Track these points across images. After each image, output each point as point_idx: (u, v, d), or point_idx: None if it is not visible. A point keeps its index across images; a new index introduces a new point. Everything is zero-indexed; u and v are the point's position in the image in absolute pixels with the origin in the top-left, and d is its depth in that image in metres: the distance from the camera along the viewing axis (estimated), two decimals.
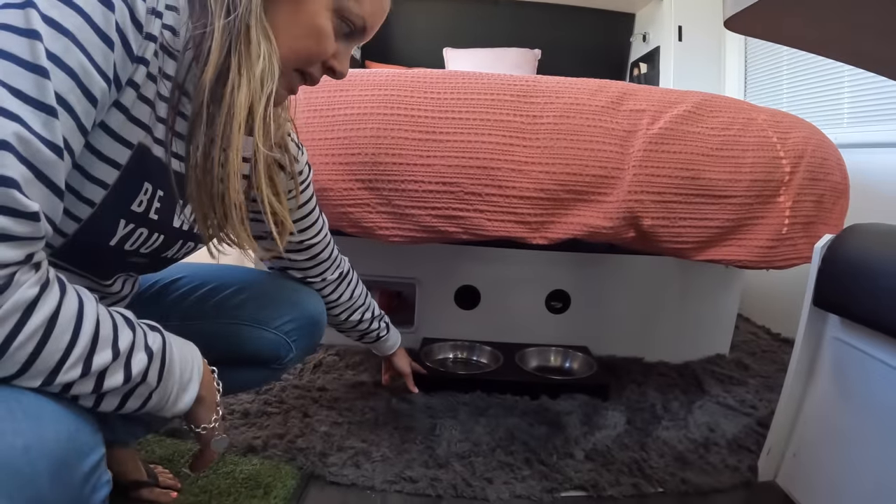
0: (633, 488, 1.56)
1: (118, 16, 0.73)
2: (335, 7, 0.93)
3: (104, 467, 0.77)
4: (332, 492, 1.49)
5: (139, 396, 0.82)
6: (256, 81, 0.87)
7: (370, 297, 1.65)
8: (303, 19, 0.91)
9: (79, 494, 0.72)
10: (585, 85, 1.78)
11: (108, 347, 0.75)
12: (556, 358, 2.27)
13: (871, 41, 1.00)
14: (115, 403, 0.79)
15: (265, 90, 0.89)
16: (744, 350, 2.64)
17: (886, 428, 1.29)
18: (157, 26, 0.82)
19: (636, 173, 1.68)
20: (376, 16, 1.00)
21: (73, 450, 0.72)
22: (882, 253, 1.30)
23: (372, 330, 1.68)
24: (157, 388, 0.84)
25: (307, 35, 0.93)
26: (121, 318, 0.79)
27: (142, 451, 1.54)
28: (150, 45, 0.81)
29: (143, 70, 0.81)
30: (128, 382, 0.78)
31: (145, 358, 0.81)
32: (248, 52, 0.86)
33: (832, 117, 2.90)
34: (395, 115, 1.67)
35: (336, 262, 1.49)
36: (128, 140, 0.84)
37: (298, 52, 0.94)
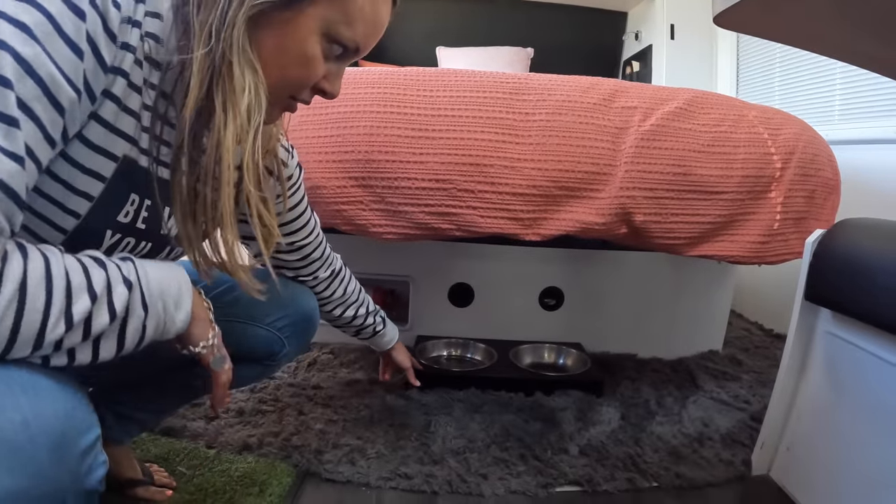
0: (628, 483, 1.57)
1: (89, 25, 0.72)
2: (325, 31, 0.90)
3: (100, 448, 0.77)
4: (328, 489, 1.50)
5: (134, 331, 0.81)
6: (243, 117, 0.85)
7: (364, 293, 1.65)
8: (291, 46, 0.89)
9: (77, 471, 0.72)
10: (577, 82, 1.79)
11: (84, 294, 0.74)
12: (550, 355, 2.28)
13: (861, 37, 1.01)
14: (113, 346, 0.79)
15: (252, 124, 0.87)
16: (737, 346, 2.65)
17: (879, 421, 1.30)
18: (136, 36, 0.80)
19: (628, 170, 1.68)
20: (370, 37, 0.96)
21: (71, 426, 0.72)
22: (872, 247, 1.31)
23: (367, 325, 1.67)
24: (149, 316, 0.83)
25: (295, 62, 0.91)
26: (90, 261, 0.78)
27: (137, 449, 1.54)
28: (126, 56, 0.80)
29: (123, 81, 0.80)
30: (115, 320, 0.77)
31: (125, 291, 0.79)
32: (232, 87, 0.84)
33: (824, 114, 2.91)
34: (388, 113, 1.67)
35: (328, 261, 1.49)
36: (111, 152, 0.83)
37: (287, 80, 0.92)
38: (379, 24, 0.96)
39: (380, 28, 0.97)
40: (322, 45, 0.91)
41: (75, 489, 0.72)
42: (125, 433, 1.35)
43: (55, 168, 0.79)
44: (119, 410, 1.32)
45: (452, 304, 2.36)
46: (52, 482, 0.68)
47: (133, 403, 1.33)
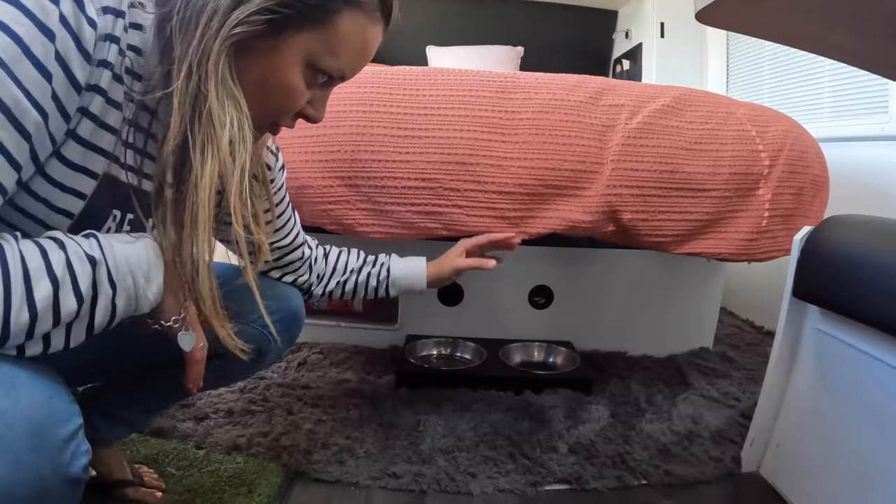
0: (617, 481, 1.57)
1: (59, 45, 0.71)
2: (308, 61, 0.89)
3: (82, 437, 0.77)
4: (317, 489, 1.50)
5: (104, 309, 0.80)
6: (224, 153, 0.83)
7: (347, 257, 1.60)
8: (272, 76, 0.88)
9: (58, 460, 0.72)
10: (564, 80, 1.78)
11: (44, 277, 0.72)
12: (540, 353, 2.28)
13: (839, 32, 1.01)
14: (83, 328, 0.79)
15: (237, 162, 0.85)
16: (728, 343, 2.66)
17: (867, 417, 1.30)
18: (114, 51, 0.79)
19: (615, 167, 1.68)
20: (358, 64, 0.96)
21: (50, 416, 0.72)
22: (860, 243, 1.31)
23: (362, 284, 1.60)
24: (117, 293, 0.82)
25: (277, 92, 0.90)
26: (49, 242, 0.76)
27: (126, 450, 1.53)
28: (104, 73, 0.79)
29: (100, 99, 0.79)
30: (83, 301, 0.76)
31: (89, 269, 0.78)
32: (211, 122, 0.82)
33: (813, 111, 2.92)
34: (375, 113, 1.67)
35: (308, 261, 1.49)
36: (90, 170, 0.83)
37: (269, 109, 0.92)
38: (367, 51, 0.95)
39: (368, 55, 0.96)
40: (305, 75, 0.90)
41: (57, 478, 0.72)
42: (114, 434, 1.35)
43: (35, 187, 0.79)
44: (107, 411, 1.32)
45: (442, 304, 2.36)
46: (31, 470, 0.68)
47: (121, 403, 1.33)
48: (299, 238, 1.43)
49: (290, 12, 0.83)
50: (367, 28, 0.92)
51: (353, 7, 0.88)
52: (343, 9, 0.87)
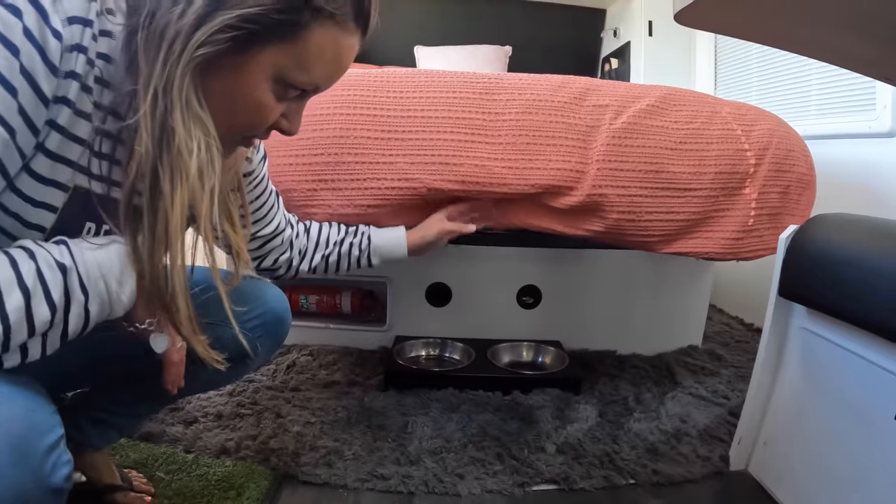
0: (605, 480, 1.58)
1: (24, 59, 0.70)
2: (277, 77, 0.87)
3: (64, 447, 0.77)
4: (305, 491, 1.50)
5: (77, 316, 0.80)
6: (194, 181, 0.81)
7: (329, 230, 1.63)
8: (240, 92, 0.86)
9: (39, 472, 0.72)
10: (548, 81, 1.78)
11: (14, 289, 0.72)
12: (529, 353, 2.28)
13: (819, 30, 1.01)
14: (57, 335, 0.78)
15: (206, 187, 0.84)
16: (717, 341, 2.66)
17: (854, 415, 1.31)
18: (82, 62, 0.78)
19: (600, 168, 1.68)
20: (332, 77, 0.94)
21: (30, 428, 0.72)
22: (845, 242, 1.32)
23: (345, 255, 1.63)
24: (90, 299, 0.81)
25: (245, 109, 0.88)
26: (19, 252, 0.75)
27: (116, 455, 1.53)
28: (71, 84, 0.77)
29: (68, 111, 0.78)
30: (56, 310, 0.76)
31: (60, 277, 0.77)
32: (180, 154, 0.80)
33: (800, 110, 2.92)
34: (359, 115, 1.67)
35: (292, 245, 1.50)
36: (60, 182, 0.82)
37: (239, 126, 0.91)
38: (341, 63, 0.93)
39: (342, 66, 0.94)
40: (275, 90, 0.88)
41: (39, 489, 0.72)
42: (103, 439, 1.35)
43: (6, 202, 0.78)
44: (96, 416, 1.32)
45: (430, 304, 2.36)
46: (12, 484, 0.68)
47: (109, 409, 1.33)
48: (282, 224, 1.43)
49: (255, 28, 0.80)
50: (339, 40, 0.90)
51: (323, 19, 0.86)
52: (312, 22, 0.85)
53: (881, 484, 1.22)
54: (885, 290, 1.16)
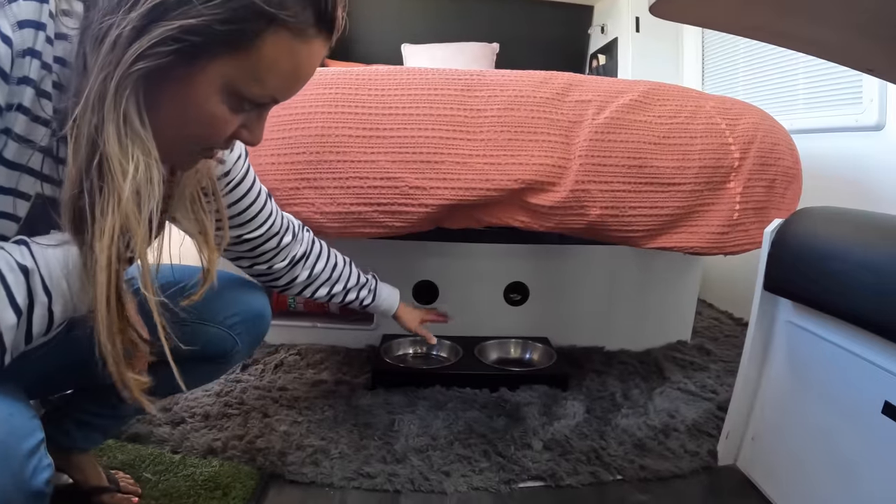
0: (592, 476, 1.58)
1: None
2: (226, 89, 0.80)
3: (44, 451, 0.77)
4: (291, 491, 1.50)
5: (41, 318, 0.77)
6: (127, 206, 0.76)
7: (345, 268, 1.64)
8: (191, 106, 0.80)
9: (19, 476, 0.72)
10: (531, 77, 1.78)
11: None
12: (516, 350, 2.28)
13: (796, 22, 1.01)
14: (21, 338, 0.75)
15: (144, 212, 0.78)
16: (706, 335, 2.66)
17: (840, 408, 1.31)
18: (35, 67, 0.74)
19: (583, 163, 1.68)
20: (290, 89, 0.87)
21: (9, 432, 0.72)
22: (831, 236, 1.32)
23: (350, 301, 1.67)
24: (53, 300, 0.78)
25: (196, 122, 0.82)
26: None
27: (103, 456, 1.53)
28: (26, 91, 0.74)
29: (23, 118, 0.75)
30: (19, 314, 0.73)
31: (22, 279, 0.74)
32: (111, 174, 0.75)
33: (787, 103, 2.92)
34: (340, 114, 1.66)
35: (285, 250, 1.45)
36: (21, 191, 0.78)
37: (193, 139, 0.86)
38: (301, 73, 0.86)
39: (302, 76, 0.87)
40: (228, 103, 0.82)
41: (20, 494, 0.72)
42: (88, 441, 1.35)
43: None
44: (80, 418, 1.31)
45: (417, 302, 2.36)
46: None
47: (94, 410, 1.32)
48: (273, 228, 1.38)
49: (198, 40, 0.74)
50: (296, 49, 0.82)
51: (277, 27, 0.78)
52: (264, 32, 0.77)
53: (869, 476, 1.22)
54: (871, 283, 1.16)
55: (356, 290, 1.67)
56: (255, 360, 2.18)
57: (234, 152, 1.21)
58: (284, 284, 1.51)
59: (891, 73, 1.29)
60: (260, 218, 1.34)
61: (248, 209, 1.30)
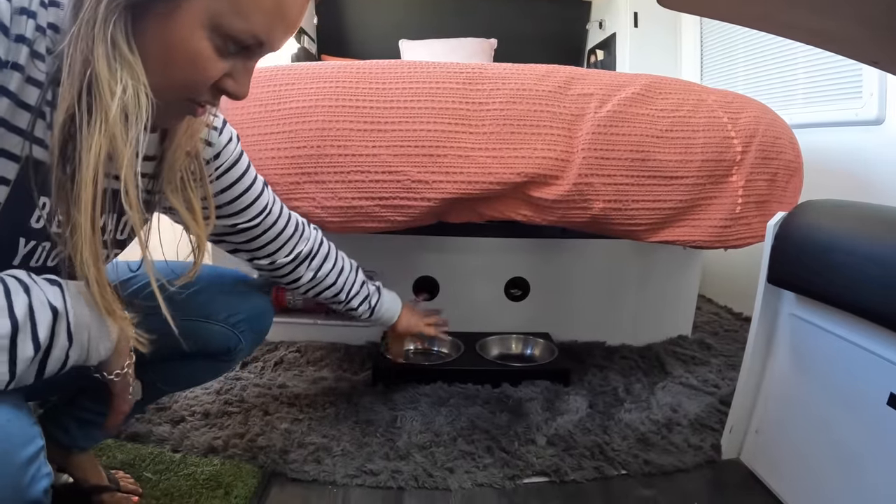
0: (596, 472, 1.57)
1: None
2: (211, 24, 0.78)
3: (44, 459, 0.76)
4: (294, 489, 1.49)
5: (56, 360, 0.78)
6: (114, 125, 0.76)
7: (349, 275, 1.60)
8: (173, 42, 0.78)
9: (18, 483, 0.71)
10: (532, 71, 1.78)
11: (4, 317, 0.71)
12: (517, 345, 2.28)
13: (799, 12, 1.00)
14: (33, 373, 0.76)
15: (130, 134, 0.77)
16: (706, 330, 2.67)
17: (844, 400, 1.31)
18: (31, 27, 0.74)
19: (585, 156, 1.67)
20: (275, 30, 0.83)
21: (7, 439, 0.71)
22: (833, 228, 1.32)
23: (351, 310, 1.64)
24: (73, 346, 0.80)
25: (180, 60, 0.80)
26: (13, 282, 0.74)
27: (103, 456, 1.52)
28: (22, 49, 0.73)
29: (18, 76, 0.74)
30: (38, 349, 0.74)
31: (49, 317, 0.76)
32: (100, 90, 0.75)
33: (787, 98, 2.92)
34: (341, 107, 1.66)
35: (289, 244, 1.42)
36: (10, 152, 0.77)
37: (177, 83, 0.83)
38: (284, 14, 0.83)
39: (287, 18, 0.84)
40: (213, 41, 0.80)
41: (18, 501, 0.71)
42: (88, 439, 1.34)
43: None
44: (81, 417, 1.30)
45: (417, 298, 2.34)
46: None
47: (95, 409, 1.31)
48: (270, 218, 1.35)
49: None
50: None
51: None
52: None
53: (873, 468, 1.22)
54: (877, 275, 1.16)
55: (359, 299, 1.63)
56: (254, 358, 2.17)
57: (224, 135, 1.19)
58: (288, 283, 1.50)
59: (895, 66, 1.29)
60: (255, 207, 1.31)
61: (242, 196, 1.27)
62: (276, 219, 1.37)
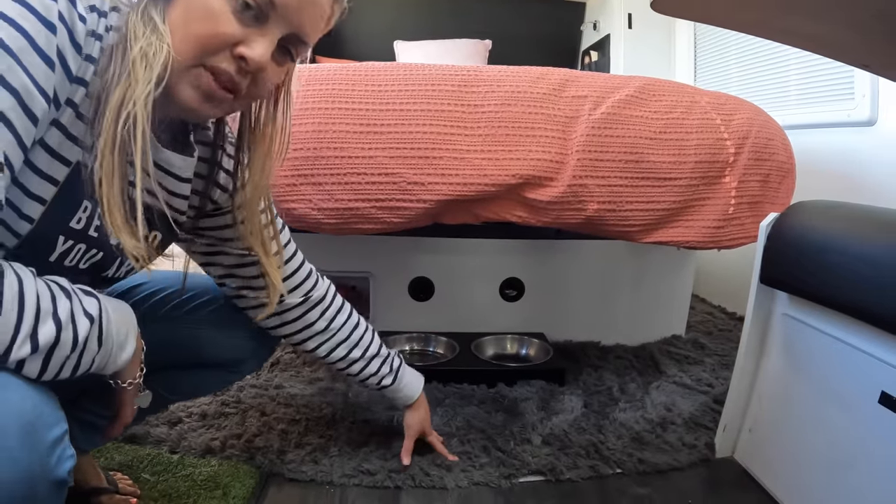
0: (591, 470, 1.58)
1: (59, 38, 0.74)
2: None
3: (68, 442, 0.79)
4: (291, 489, 1.50)
5: (84, 364, 0.83)
6: (137, 73, 0.81)
7: (365, 333, 1.52)
8: (194, 2, 0.85)
9: (46, 461, 0.74)
10: (527, 73, 1.79)
11: (49, 319, 0.76)
12: (513, 345, 2.29)
13: (795, 17, 1.01)
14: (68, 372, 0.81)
15: (143, 81, 0.81)
16: (700, 330, 2.68)
17: (837, 399, 1.32)
18: (97, 49, 0.81)
19: (580, 158, 1.68)
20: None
21: (39, 417, 0.75)
22: (826, 229, 1.33)
23: (370, 374, 1.53)
24: (100, 352, 0.85)
25: (200, 18, 0.85)
26: (57, 288, 0.80)
27: (101, 457, 1.53)
28: (89, 67, 0.81)
29: (83, 91, 0.81)
30: (74, 350, 0.80)
31: (87, 323, 0.82)
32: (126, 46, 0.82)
33: (780, 99, 2.93)
34: (338, 109, 1.66)
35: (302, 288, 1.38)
36: (66, 158, 0.83)
37: (195, 40, 0.86)
38: None
39: None
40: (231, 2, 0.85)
41: (46, 479, 0.74)
42: (89, 442, 1.33)
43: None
44: (83, 418, 1.30)
45: (413, 299, 2.36)
46: (23, 468, 0.71)
47: (98, 411, 1.31)
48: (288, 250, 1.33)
49: None
50: None
51: None
52: None
53: (866, 467, 1.23)
54: (868, 275, 1.17)
55: (379, 361, 1.53)
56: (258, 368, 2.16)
57: None
58: (299, 330, 1.41)
59: (886, 69, 1.30)
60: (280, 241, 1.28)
61: None
62: (291, 256, 1.35)
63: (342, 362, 1.49)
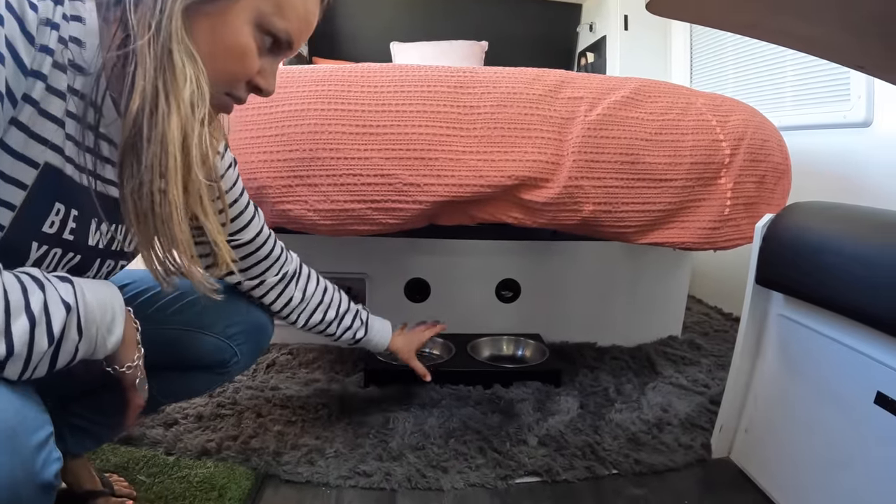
0: (587, 471, 1.58)
1: (7, 29, 0.71)
2: (257, 22, 0.88)
3: (53, 444, 0.78)
4: (287, 490, 1.50)
5: (67, 353, 0.80)
6: (187, 107, 0.82)
7: (334, 294, 1.59)
8: (225, 37, 0.87)
9: (30, 466, 0.73)
10: (523, 74, 1.78)
11: (21, 313, 0.73)
12: (509, 346, 2.29)
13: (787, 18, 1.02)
14: (45, 367, 0.79)
15: (197, 115, 0.84)
16: (696, 331, 2.68)
17: (833, 399, 1.32)
18: (54, 38, 0.78)
19: (576, 159, 1.68)
20: (302, 32, 0.95)
21: (21, 422, 0.73)
22: (821, 229, 1.33)
23: (344, 330, 1.61)
24: (82, 340, 0.82)
25: (230, 54, 0.88)
26: (28, 279, 0.77)
27: (96, 459, 1.53)
28: (45, 59, 0.78)
29: (41, 85, 0.78)
30: (52, 344, 0.77)
31: (63, 313, 0.79)
32: (174, 77, 0.81)
33: (776, 100, 2.94)
34: (334, 110, 1.66)
35: (277, 264, 1.42)
36: (31, 159, 0.81)
37: (222, 73, 0.90)
38: (309, 18, 0.95)
39: (310, 23, 0.96)
40: (256, 37, 0.89)
41: (30, 483, 0.73)
42: (80, 447, 1.33)
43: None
44: (75, 423, 1.30)
45: (409, 300, 2.36)
46: (6, 473, 0.69)
47: (89, 417, 1.31)
48: (264, 236, 1.37)
49: None
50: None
51: None
52: None
53: (862, 467, 1.23)
54: (863, 275, 1.17)
55: (350, 316, 1.62)
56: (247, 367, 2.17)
57: (226, 160, 1.23)
58: (280, 307, 1.48)
59: (881, 71, 1.30)
60: (253, 225, 1.33)
61: (241, 215, 1.29)
62: (266, 239, 1.38)
63: (321, 325, 1.57)
